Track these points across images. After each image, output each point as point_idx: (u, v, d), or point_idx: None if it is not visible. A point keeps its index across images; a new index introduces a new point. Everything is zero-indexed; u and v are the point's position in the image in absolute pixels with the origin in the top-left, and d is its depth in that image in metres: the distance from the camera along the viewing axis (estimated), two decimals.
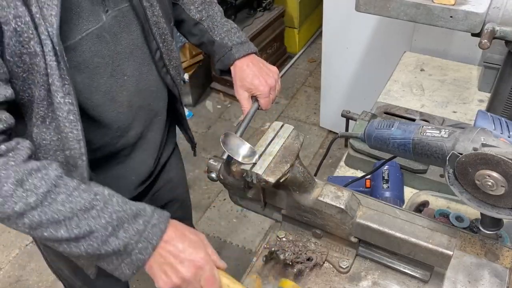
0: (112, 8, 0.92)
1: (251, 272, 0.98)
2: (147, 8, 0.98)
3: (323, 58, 2.74)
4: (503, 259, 0.97)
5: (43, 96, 0.82)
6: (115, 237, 0.80)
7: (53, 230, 0.77)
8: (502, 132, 0.86)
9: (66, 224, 0.77)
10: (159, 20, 1.02)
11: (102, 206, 0.80)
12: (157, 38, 1.03)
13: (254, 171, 0.81)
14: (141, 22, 0.98)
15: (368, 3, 1.14)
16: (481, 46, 1.01)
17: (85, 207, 0.79)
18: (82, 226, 0.78)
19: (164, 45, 1.06)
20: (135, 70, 1.02)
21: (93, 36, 0.89)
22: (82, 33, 0.87)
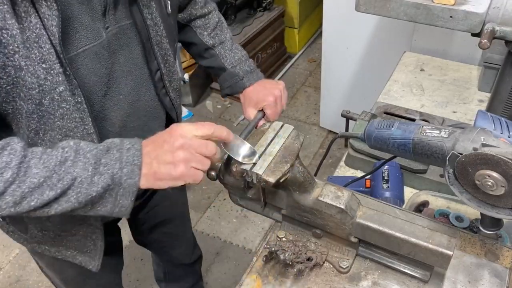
0: (113, 25, 0.90)
1: (251, 272, 0.98)
2: (151, 27, 0.96)
3: (323, 58, 2.74)
4: (503, 259, 0.97)
5: (32, 110, 0.81)
6: (99, 174, 0.79)
7: (38, 194, 0.77)
8: (502, 132, 0.86)
9: (48, 183, 0.77)
10: (162, 40, 1.00)
11: (73, 155, 0.79)
12: (158, 58, 1.01)
13: (254, 171, 0.81)
14: (142, 41, 0.97)
15: (368, 3, 1.14)
16: (481, 46, 1.01)
17: (59, 162, 0.78)
18: (64, 177, 0.78)
19: (166, 66, 1.05)
20: (132, 89, 0.99)
21: (91, 53, 0.87)
22: (79, 49, 0.85)
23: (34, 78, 0.78)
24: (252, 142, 0.87)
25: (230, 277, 2.29)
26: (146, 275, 2.28)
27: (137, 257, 2.37)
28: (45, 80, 0.80)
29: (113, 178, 0.80)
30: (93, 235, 1.07)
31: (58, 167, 0.78)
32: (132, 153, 0.82)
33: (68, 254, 1.12)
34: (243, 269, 2.30)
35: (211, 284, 2.27)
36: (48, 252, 1.12)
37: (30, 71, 0.78)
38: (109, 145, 0.82)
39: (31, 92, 0.79)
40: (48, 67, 0.79)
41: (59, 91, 0.82)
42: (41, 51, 0.78)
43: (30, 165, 0.77)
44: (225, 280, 2.29)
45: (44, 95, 0.81)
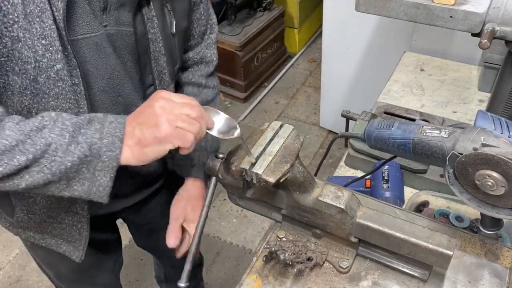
0: (112, 25, 0.90)
1: (251, 272, 0.98)
2: (151, 41, 0.96)
3: (323, 58, 2.74)
4: (503, 259, 0.97)
5: (25, 85, 0.80)
6: (76, 143, 0.74)
7: (8, 159, 0.71)
8: (502, 132, 0.86)
9: (20, 148, 0.72)
10: (159, 57, 0.99)
11: (52, 123, 0.75)
12: (154, 74, 1.00)
13: (254, 171, 0.81)
14: (139, 52, 0.96)
15: (368, 3, 1.14)
16: (481, 46, 1.01)
17: (36, 128, 0.73)
18: (37, 142, 0.72)
19: (161, 83, 1.03)
20: (130, 94, 0.99)
21: (91, 42, 0.86)
22: (79, 35, 0.85)
23: (31, 52, 0.77)
24: (251, 141, 0.87)
25: (230, 277, 2.29)
26: (146, 275, 2.28)
27: (137, 257, 2.37)
28: (43, 56, 0.79)
29: (91, 149, 0.75)
30: (79, 224, 1.06)
31: (33, 133, 0.73)
32: (114, 125, 0.77)
33: (53, 242, 1.11)
34: (243, 269, 2.30)
35: (211, 284, 2.26)
36: (33, 239, 1.12)
37: (28, 44, 0.77)
38: (92, 117, 0.78)
39: (27, 66, 0.78)
40: (47, 44, 0.78)
41: (56, 69, 0.80)
42: (42, 26, 0.77)
43: (4, 127, 0.72)
44: (225, 280, 2.29)
45: (40, 72, 0.80)
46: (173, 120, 0.76)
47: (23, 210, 1.04)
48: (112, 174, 0.78)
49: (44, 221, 1.06)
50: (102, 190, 0.79)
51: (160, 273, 1.86)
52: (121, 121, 0.78)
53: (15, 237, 1.17)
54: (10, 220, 1.10)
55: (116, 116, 0.80)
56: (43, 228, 1.08)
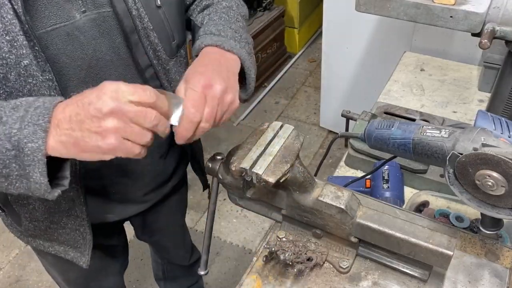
0: (91, 9, 0.86)
1: (251, 272, 0.98)
2: (136, 18, 0.90)
3: (323, 58, 2.74)
4: (503, 259, 0.97)
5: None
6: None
7: None
8: (502, 132, 0.86)
9: None
10: (149, 34, 0.93)
11: None
12: (149, 53, 0.94)
13: (254, 171, 0.81)
14: (125, 32, 0.90)
15: (368, 3, 1.14)
16: (481, 46, 1.01)
17: None
18: None
19: (160, 63, 0.97)
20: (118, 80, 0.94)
21: (62, 33, 0.83)
22: (48, 27, 0.81)
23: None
24: (251, 142, 0.87)
25: (230, 277, 2.29)
26: (146, 275, 2.28)
27: (137, 257, 2.37)
28: (9, 53, 0.76)
29: (10, 141, 0.67)
30: (81, 228, 1.06)
31: None
32: (38, 111, 0.68)
33: (61, 249, 1.12)
34: (243, 269, 2.30)
35: (211, 284, 2.27)
36: (42, 247, 1.12)
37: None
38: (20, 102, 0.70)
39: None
40: (11, 39, 0.75)
41: (24, 64, 0.77)
42: (3, 21, 0.74)
43: None
44: (225, 280, 2.29)
45: (9, 69, 0.77)
46: (122, 131, 0.66)
47: (26, 218, 1.04)
48: (40, 169, 0.68)
49: (48, 227, 1.06)
50: (39, 187, 0.70)
51: (158, 270, 1.86)
52: (48, 106, 0.68)
53: (15, 237, 1.17)
54: (19, 229, 1.10)
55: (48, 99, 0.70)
56: (50, 235, 1.08)
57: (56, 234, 1.08)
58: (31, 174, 0.69)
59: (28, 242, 1.14)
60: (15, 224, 1.10)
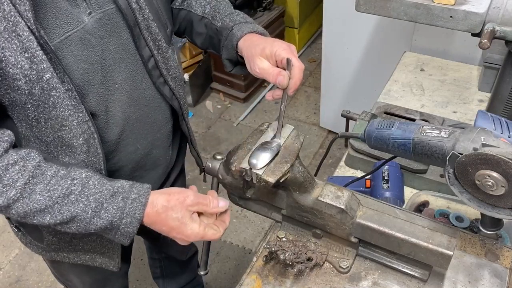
0: (96, 10, 0.88)
1: (251, 272, 0.98)
2: (137, 11, 0.92)
3: (323, 58, 2.74)
4: (503, 259, 0.97)
5: (24, 100, 0.81)
6: (98, 217, 0.84)
7: (40, 217, 0.83)
8: (502, 132, 0.86)
9: (49, 211, 0.82)
10: (150, 24, 0.96)
11: (80, 190, 0.84)
12: (149, 43, 0.97)
13: (254, 171, 0.81)
14: (130, 26, 0.93)
15: (368, 3, 1.14)
16: (481, 46, 1.01)
17: (63, 194, 0.82)
18: (64, 212, 0.83)
19: (159, 52, 1.00)
20: (128, 78, 0.96)
21: (75, 39, 0.85)
22: (61, 36, 0.83)
23: (16, 69, 0.77)
24: (251, 142, 0.87)
25: (230, 277, 2.29)
26: (146, 275, 2.28)
27: (137, 257, 2.37)
28: (30, 69, 0.78)
29: (111, 224, 0.85)
30: None
31: (60, 199, 0.82)
32: (135, 205, 0.85)
33: (87, 258, 1.12)
34: (243, 269, 2.30)
35: (211, 284, 2.27)
36: (67, 259, 1.12)
37: (12, 62, 0.76)
38: (117, 190, 0.86)
39: (18, 83, 0.78)
40: (30, 56, 0.77)
41: (46, 78, 0.79)
42: (20, 39, 0.75)
43: (35, 190, 0.81)
44: (225, 280, 2.29)
45: (32, 85, 0.79)
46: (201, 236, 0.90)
47: (50, 232, 1.05)
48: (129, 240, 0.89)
49: (73, 238, 1.07)
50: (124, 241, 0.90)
51: (156, 267, 1.86)
52: (142, 201, 0.86)
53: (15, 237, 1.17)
54: (41, 245, 1.10)
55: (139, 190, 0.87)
56: (75, 245, 1.09)
57: (81, 244, 1.08)
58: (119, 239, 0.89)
59: (52, 257, 1.13)
60: (36, 242, 1.10)
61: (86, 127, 0.88)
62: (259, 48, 0.95)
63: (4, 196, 0.79)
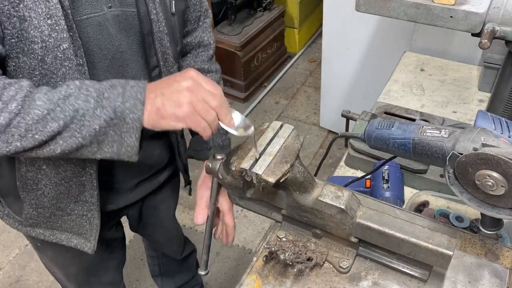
0: (117, 6, 0.92)
1: (251, 272, 0.98)
2: (154, 22, 0.97)
3: (323, 58, 2.74)
4: (503, 259, 0.97)
5: (34, 66, 0.82)
6: (101, 107, 0.79)
7: (42, 126, 0.77)
8: (502, 132, 0.86)
9: (51, 115, 0.77)
10: (163, 37, 1.00)
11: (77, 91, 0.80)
12: (158, 55, 1.01)
13: (254, 171, 0.81)
14: (143, 33, 0.97)
15: (368, 3, 1.14)
16: (481, 46, 1.01)
17: (63, 96, 0.79)
18: (66, 109, 0.78)
19: (166, 65, 1.05)
20: (135, 75, 1.00)
21: (95, 22, 0.89)
22: (83, 15, 0.87)
23: (37, 32, 0.79)
24: (251, 142, 0.87)
25: (230, 277, 2.29)
26: (146, 275, 2.28)
27: (137, 257, 2.37)
28: (49, 36, 0.81)
29: (115, 111, 0.79)
30: (89, 213, 1.07)
31: (61, 101, 0.78)
32: (135, 89, 0.81)
33: (63, 237, 1.12)
34: (243, 269, 2.30)
35: (211, 284, 2.27)
36: (43, 236, 1.12)
37: (34, 24, 0.79)
38: (114, 82, 0.82)
39: (34, 46, 0.80)
40: (53, 23, 0.80)
41: (63, 48, 0.83)
42: (47, 5, 0.79)
43: (34, 98, 0.77)
44: (225, 280, 2.29)
45: (47, 52, 0.82)
46: (195, 104, 0.80)
47: (31, 204, 1.05)
48: (137, 135, 0.82)
49: (53, 214, 1.07)
50: (130, 150, 0.83)
51: (154, 265, 1.87)
52: (141, 85, 0.82)
53: (15, 237, 1.17)
54: (19, 219, 1.10)
55: (136, 81, 0.83)
56: (53, 222, 1.09)
57: (59, 222, 1.09)
58: (126, 139, 0.82)
59: (27, 233, 1.13)
60: (13, 214, 1.10)
61: None
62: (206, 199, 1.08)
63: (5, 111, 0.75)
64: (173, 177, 1.39)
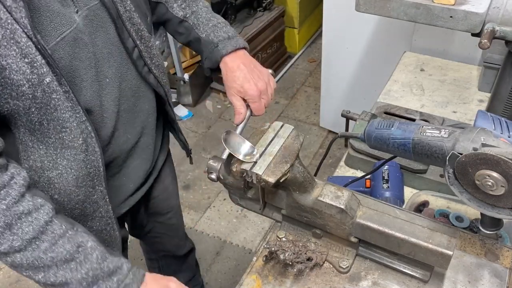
0: (82, 7, 0.89)
1: (251, 272, 0.98)
2: (118, 3, 0.94)
3: (323, 58, 2.74)
4: (503, 259, 0.97)
5: (28, 105, 0.81)
6: None
7: (32, 273, 0.82)
8: (502, 132, 0.86)
9: (44, 271, 0.82)
10: (132, 15, 0.98)
11: (82, 259, 0.84)
12: (132, 34, 0.99)
13: (254, 171, 0.81)
14: (114, 19, 0.95)
15: (368, 3, 1.14)
16: (481, 46, 1.01)
17: (65, 259, 0.82)
18: (59, 276, 0.82)
19: (142, 42, 1.03)
20: (116, 71, 0.99)
21: (70, 39, 0.86)
22: (57, 38, 0.84)
23: (20, 75, 0.78)
24: (252, 142, 0.87)
25: (230, 277, 2.29)
26: None
27: (137, 257, 2.37)
28: (31, 74, 0.79)
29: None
30: (107, 226, 1.08)
31: (61, 263, 0.82)
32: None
33: None
34: (243, 269, 2.29)
35: (211, 284, 2.27)
36: None
37: (14, 68, 0.77)
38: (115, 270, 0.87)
39: (22, 88, 0.79)
40: (30, 61, 0.78)
41: (47, 82, 0.81)
42: (19, 46, 0.77)
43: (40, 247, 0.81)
44: (225, 280, 2.29)
45: (35, 88, 0.80)
46: None
47: None
48: None
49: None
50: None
51: (154, 268, 1.86)
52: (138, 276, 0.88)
53: None
54: None
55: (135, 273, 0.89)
56: None
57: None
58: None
59: None
60: None
61: (84, 127, 0.90)
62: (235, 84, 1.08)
63: (8, 244, 0.78)
64: (167, 158, 1.39)
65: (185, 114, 3.27)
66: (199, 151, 2.98)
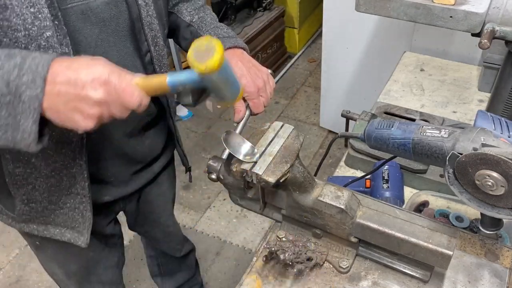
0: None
1: (251, 272, 0.98)
2: (142, 7, 0.96)
3: (323, 58, 2.74)
4: (503, 259, 0.97)
5: None
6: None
7: None
8: (502, 132, 0.86)
9: None
10: (152, 21, 1.00)
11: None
12: (149, 40, 1.01)
13: (254, 171, 0.81)
14: (132, 19, 0.97)
15: (368, 3, 1.14)
16: (481, 46, 1.01)
17: None
18: None
19: (156, 49, 1.05)
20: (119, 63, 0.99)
21: (78, 11, 0.88)
22: (67, 4, 0.86)
23: (20, 19, 0.77)
24: (252, 142, 0.87)
25: (230, 277, 2.29)
26: (146, 275, 2.28)
27: (137, 257, 2.37)
28: (32, 24, 0.79)
29: (8, 85, 0.67)
30: (81, 205, 1.07)
31: None
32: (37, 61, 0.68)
33: (57, 232, 1.12)
34: (243, 269, 2.30)
35: (211, 284, 2.27)
36: (36, 232, 1.12)
37: (16, 11, 0.77)
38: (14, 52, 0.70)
39: (17, 34, 0.78)
40: (36, 11, 0.78)
41: (46, 36, 0.80)
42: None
43: None
44: (225, 280, 2.29)
45: (30, 40, 0.80)
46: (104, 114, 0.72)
47: (23, 200, 1.05)
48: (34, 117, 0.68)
49: (45, 208, 1.06)
50: (27, 137, 0.70)
51: (154, 265, 1.87)
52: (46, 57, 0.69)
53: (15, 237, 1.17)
54: (11, 215, 1.10)
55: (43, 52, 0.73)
56: (46, 217, 1.09)
57: (52, 216, 1.09)
58: (22, 122, 0.68)
59: (21, 228, 1.13)
60: (6, 210, 1.10)
61: None
62: None
63: None
64: (168, 166, 1.39)
65: (185, 114, 3.27)
66: (199, 151, 2.98)
